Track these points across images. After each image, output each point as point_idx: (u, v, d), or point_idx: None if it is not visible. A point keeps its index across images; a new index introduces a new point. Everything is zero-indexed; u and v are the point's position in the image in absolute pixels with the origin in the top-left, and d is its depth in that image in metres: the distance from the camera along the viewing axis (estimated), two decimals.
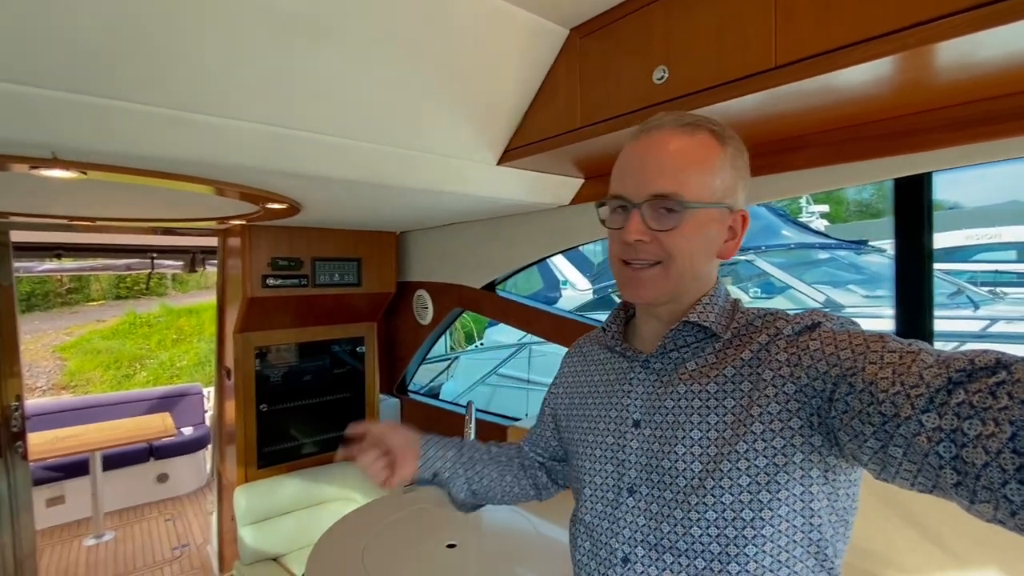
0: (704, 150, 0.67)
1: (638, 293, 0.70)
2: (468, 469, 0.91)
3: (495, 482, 0.93)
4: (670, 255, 0.67)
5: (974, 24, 0.67)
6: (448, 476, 0.89)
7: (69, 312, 11.20)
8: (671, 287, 0.69)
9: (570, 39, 1.27)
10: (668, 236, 0.66)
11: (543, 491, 0.99)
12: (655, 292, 0.69)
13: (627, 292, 0.71)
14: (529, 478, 0.97)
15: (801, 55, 0.85)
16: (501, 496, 0.95)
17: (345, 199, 1.63)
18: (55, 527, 3.78)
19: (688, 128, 0.67)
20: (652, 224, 0.66)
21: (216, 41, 0.96)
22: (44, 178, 1.15)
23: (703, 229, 0.68)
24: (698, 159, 0.67)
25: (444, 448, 0.91)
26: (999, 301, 4.07)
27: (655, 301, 0.71)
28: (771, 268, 4.65)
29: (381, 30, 1.09)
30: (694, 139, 0.67)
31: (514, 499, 0.97)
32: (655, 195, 0.66)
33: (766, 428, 0.60)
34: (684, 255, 0.67)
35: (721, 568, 0.61)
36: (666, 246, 0.67)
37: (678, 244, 0.66)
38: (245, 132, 1.09)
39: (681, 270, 0.68)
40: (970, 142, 0.99)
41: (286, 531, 2.34)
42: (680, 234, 0.66)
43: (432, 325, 2.69)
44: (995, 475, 0.41)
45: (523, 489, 0.97)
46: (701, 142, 0.67)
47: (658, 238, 0.66)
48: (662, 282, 0.68)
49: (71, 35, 0.84)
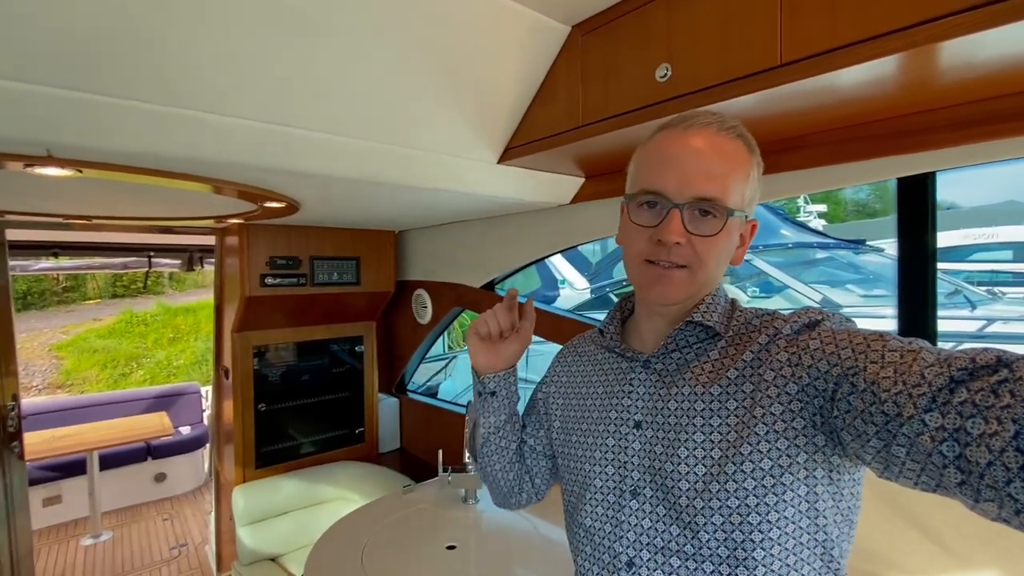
0: (743, 157, 0.67)
1: (665, 293, 0.68)
2: (509, 422, 0.92)
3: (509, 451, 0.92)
4: (701, 261, 0.66)
5: (981, 22, 0.67)
6: (496, 406, 0.90)
7: (65, 311, 11.15)
8: (694, 291, 0.69)
9: (571, 36, 1.26)
10: (704, 242, 0.65)
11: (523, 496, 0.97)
12: (681, 294, 0.68)
13: (653, 291, 0.69)
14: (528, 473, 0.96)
15: (807, 53, 0.84)
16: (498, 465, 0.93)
17: (344, 197, 1.62)
18: (52, 527, 3.77)
19: (731, 132, 0.67)
20: (690, 227, 0.65)
21: (213, 37, 0.95)
22: (39, 176, 1.13)
23: (731, 236, 0.68)
24: (739, 166, 0.66)
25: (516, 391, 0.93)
26: (997, 301, 4.08)
27: (679, 302, 0.70)
28: (769, 268, 4.66)
29: (381, 27, 1.08)
30: (735, 145, 0.67)
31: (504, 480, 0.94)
32: (700, 197, 0.64)
33: (770, 429, 0.60)
34: (712, 261, 0.67)
35: (730, 571, 0.60)
36: (700, 251, 0.66)
37: (710, 250, 0.66)
38: (243, 129, 1.08)
39: (707, 276, 0.68)
40: (972, 142, 0.98)
41: (284, 531, 2.33)
42: (715, 240, 0.66)
43: (431, 324, 2.68)
44: (999, 474, 0.41)
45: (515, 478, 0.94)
46: (739, 149, 0.67)
47: (693, 242, 0.65)
48: (688, 286, 0.68)
49: (66, 31, 0.83)
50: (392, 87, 1.20)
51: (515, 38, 1.22)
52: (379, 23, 1.07)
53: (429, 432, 2.75)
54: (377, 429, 2.80)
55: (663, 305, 0.71)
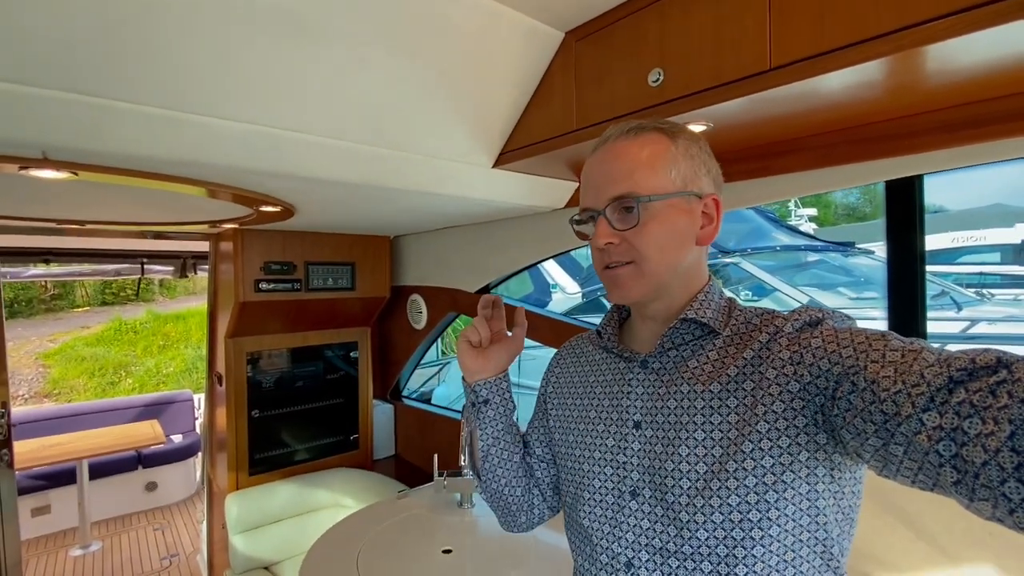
0: (651, 147, 0.70)
1: (621, 293, 0.72)
2: (508, 432, 0.88)
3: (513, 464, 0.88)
4: (639, 252, 0.69)
5: (966, 26, 0.69)
6: (492, 415, 0.87)
7: (53, 318, 11.02)
8: (650, 282, 0.70)
9: (565, 42, 1.28)
10: (633, 234, 0.69)
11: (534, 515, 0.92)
12: (636, 290, 0.70)
13: (612, 295, 0.73)
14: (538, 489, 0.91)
15: (796, 57, 0.86)
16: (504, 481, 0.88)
17: (339, 201, 1.62)
18: (40, 537, 3.71)
19: (632, 133, 0.71)
20: (617, 225, 0.69)
21: (211, 41, 0.95)
22: (33, 179, 1.13)
23: (667, 219, 0.69)
24: (646, 157, 0.69)
25: (511, 398, 0.90)
26: (985, 302, 4.13)
27: (641, 298, 0.72)
28: (757, 271, 4.69)
29: (376, 31, 1.09)
30: (638, 141, 0.70)
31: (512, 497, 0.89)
32: (613, 197, 0.69)
33: (771, 427, 0.60)
34: (652, 249, 0.69)
35: (728, 571, 0.61)
36: (634, 244, 0.69)
37: (644, 240, 0.68)
38: (239, 133, 1.08)
39: (655, 265, 0.69)
40: (960, 144, 1.00)
41: (278, 539, 2.31)
42: (644, 230, 0.68)
43: (426, 330, 2.68)
44: (994, 473, 0.42)
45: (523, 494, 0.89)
46: (647, 141, 0.70)
47: (626, 238, 0.69)
48: (638, 279, 0.70)
49: (63, 33, 0.83)
50: (388, 92, 1.21)
51: (510, 44, 1.24)
52: (375, 28, 1.08)
53: (424, 438, 2.74)
54: (372, 435, 2.79)
55: (629, 304, 0.75)
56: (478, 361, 0.86)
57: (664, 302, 0.73)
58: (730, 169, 0.76)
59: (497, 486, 0.89)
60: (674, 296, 0.72)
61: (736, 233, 4.86)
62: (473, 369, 0.86)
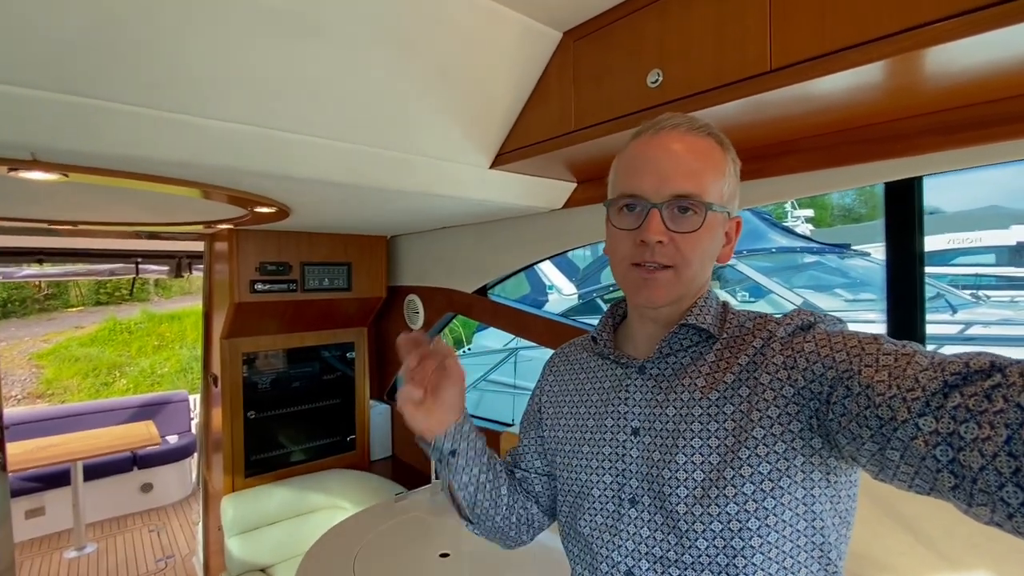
0: (717, 155, 0.68)
1: (652, 296, 0.67)
2: (487, 470, 0.81)
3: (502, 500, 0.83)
4: (685, 259, 0.66)
5: (967, 28, 0.68)
6: (463, 463, 0.78)
7: (46, 318, 10.96)
8: (681, 291, 0.69)
9: (563, 42, 1.27)
10: (686, 239, 0.65)
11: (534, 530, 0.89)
12: (668, 295, 0.68)
13: (640, 295, 0.68)
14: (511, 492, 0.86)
15: (796, 58, 0.85)
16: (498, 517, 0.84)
17: (336, 202, 1.61)
18: (34, 539, 3.69)
19: (702, 131, 0.68)
20: (671, 225, 0.65)
21: (203, 40, 0.94)
22: (23, 180, 1.11)
23: (713, 233, 0.68)
24: (714, 162, 0.67)
25: (477, 434, 0.81)
26: (980, 304, 4.14)
27: (667, 304, 0.69)
28: (752, 272, 4.69)
29: (372, 30, 1.08)
30: (707, 143, 0.68)
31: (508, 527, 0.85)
32: (677, 195, 0.65)
33: (767, 432, 0.60)
34: (697, 259, 0.67)
35: None
36: (683, 249, 0.66)
37: (694, 247, 0.66)
38: (233, 133, 1.07)
39: (693, 274, 0.68)
40: (960, 146, 1.00)
41: (274, 541, 2.30)
42: (697, 237, 0.66)
43: (423, 330, 2.67)
44: (991, 478, 0.42)
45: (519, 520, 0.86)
46: (712, 146, 0.68)
47: (675, 240, 0.65)
48: (675, 286, 0.67)
49: (53, 34, 0.82)
50: (385, 92, 1.20)
51: (507, 43, 1.23)
52: (372, 28, 1.07)
53: None
54: (368, 436, 2.77)
55: (652, 308, 0.71)
56: (431, 418, 0.75)
57: (673, 308, 0.72)
58: None
59: (491, 524, 0.84)
60: (682, 303, 0.72)
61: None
62: (429, 427, 0.75)
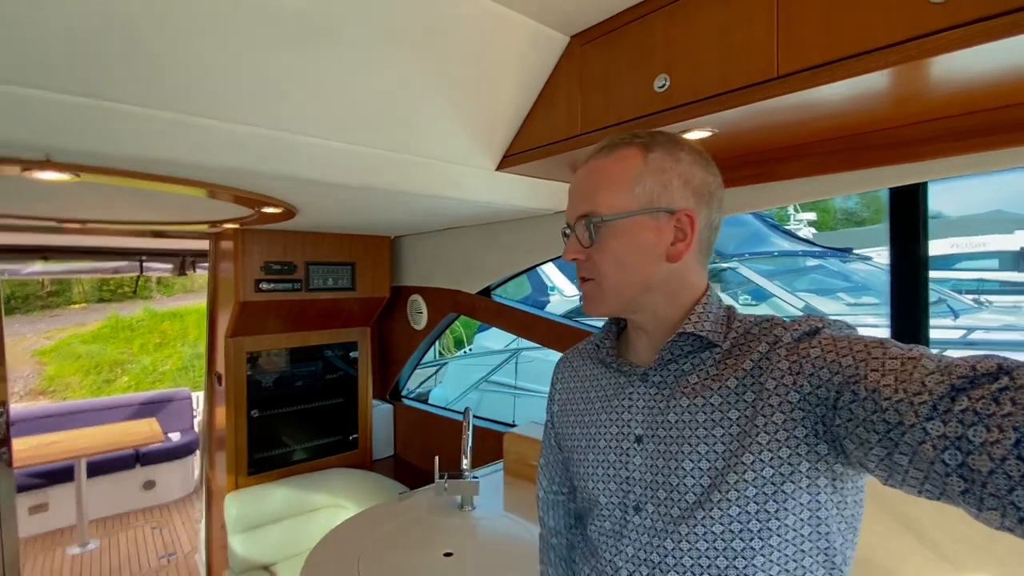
0: (619, 165, 0.70)
1: (588, 308, 0.75)
2: None
3: None
4: (599, 270, 0.71)
5: (971, 38, 0.69)
6: None
7: (49, 315, 10.98)
8: (612, 299, 0.72)
9: (571, 46, 1.28)
10: (594, 251, 0.71)
11: None
12: (600, 305, 0.73)
13: (585, 309, 0.76)
14: None
15: (802, 66, 0.86)
16: None
17: (342, 203, 1.62)
18: (38, 536, 3.70)
19: (607, 150, 0.73)
20: (583, 243, 0.72)
21: (215, 43, 0.95)
22: (35, 180, 1.13)
23: (630, 238, 0.69)
24: (610, 176, 0.71)
25: None
26: (983, 309, 4.14)
27: (608, 313, 0.75)
28: (755, 276, 4.68)
29: (381, 34, 1.09)
30: (609, 158, 0.72)
31: None
32: (578, 216, 0.73)
33: (771, 438, 0.60)
34: (609, 267, 0.70)
35: None
36: (595, 261, 0.71)
37: (601, 258, 0.71)
38: (242, 135, 1.08)
39: (614, 282, 0.71)
40: (963, 153, 1.01)
41: (277, 539, 2.31)
42: (603, 248, 0.70)
43: (426, 330, 2.68)
44: (1001, 482, 0.41)
45: None
46: (617, 159, 0.71)
47: (590, 255, 0.72)
48: (601, 295, 0.72)
49: (67, 36, 0.83)
50: (393, 94, 1.21)
51: (515, 47, 1.24)
52: (380, 31, 1.08)
53: (424, 438, 2.74)
54: (371, 435, 2.78)
55: (596, 317, 0.77)
56: None
57: (648, 315, 0.72)
58: (734, 174, 0.77)
59: None
60: (658, 309, 0.72)
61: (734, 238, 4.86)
62: None
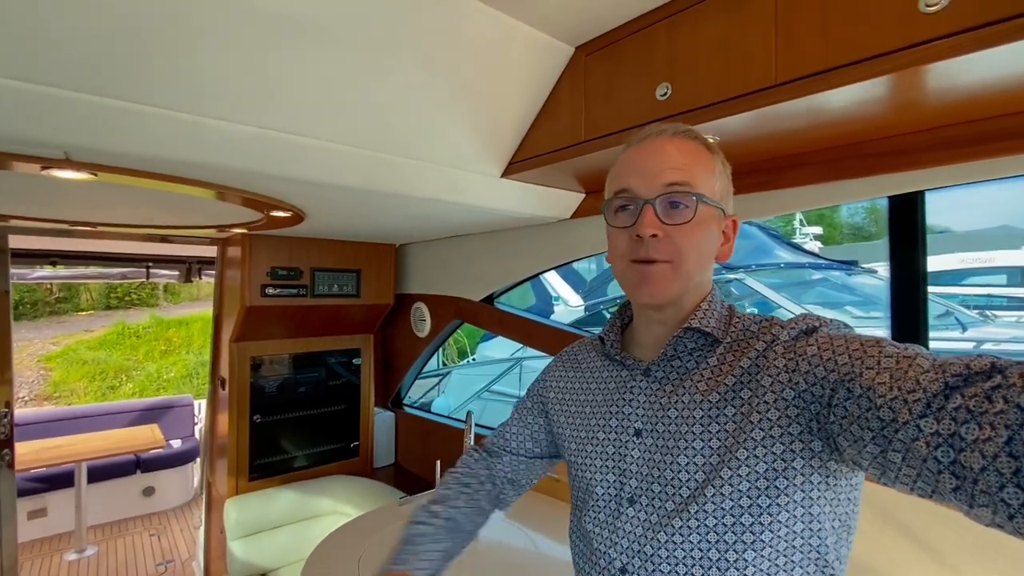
0: (703, 154, 0.72)
1: (651, 291, 0.69)
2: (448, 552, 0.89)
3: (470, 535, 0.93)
4: (680, 252, 0.68)
5: (968, 45, 0.70)
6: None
7: (56, 321, 11.05)
8: (680, 286, 0.70)
9: (575, 57, 1.30)
10: (680, 231, 0.67)
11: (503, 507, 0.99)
12: (667, 291, 0.69)
13: (640, 291, 0.70)
14: (493, 502, 0.95)
15: (801, 73, 0.88)
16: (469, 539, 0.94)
17: (350, 207, 1.64)
18: (36, 541, 3.69)
19: (686, 135, 0.72)
20: (664, 219, 0.67)
21: (231, 46, 0.98)
22: (51, 179, 1.15)
23: (708, 227, 0.70)
24: (701, 159, 0.71)
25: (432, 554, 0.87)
26: (990, 323, 4.12)
27: (667, 300, 0.70)
28: (761, 287, 4.68)
29: (392, 41, 1.12)
30: (693, 144, 0.72)
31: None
32: (669, 184, 0.67)
33: (766, 434, 0.61)
34: (692, 251, 0.68)
35: (719, 574, 0.61)
36: (678, 243, 0.67)
37: (689, 240, 0.68)
38: (255, 137, 1.10)
39: (690, 269, 0.69)
40: (963, 161, 1.01)
41: (277, 545, 2.30)
42: (691, 229, 0.68)
43: (429, 338, 2.69)
44: (992, 479, 0.42)
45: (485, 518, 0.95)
46: (699, 147, 0.72)
47: (670, 234, 0.67)
48: (673, 281, 0.69)
49: (87, 36, 0.86)
50: (401, 100, 1.24)
51: (521, 57, 1.26)
52: (391, 38, 1.11)
53: (425, 447, 2.74)
54: (372, 443, 2.78)
55: (653, 304, 0.72)
56: None
57: (676, 308, 0.73)
58: (735, 182, 0.77)
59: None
60: (686, 304, 0.73)
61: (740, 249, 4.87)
62: None
